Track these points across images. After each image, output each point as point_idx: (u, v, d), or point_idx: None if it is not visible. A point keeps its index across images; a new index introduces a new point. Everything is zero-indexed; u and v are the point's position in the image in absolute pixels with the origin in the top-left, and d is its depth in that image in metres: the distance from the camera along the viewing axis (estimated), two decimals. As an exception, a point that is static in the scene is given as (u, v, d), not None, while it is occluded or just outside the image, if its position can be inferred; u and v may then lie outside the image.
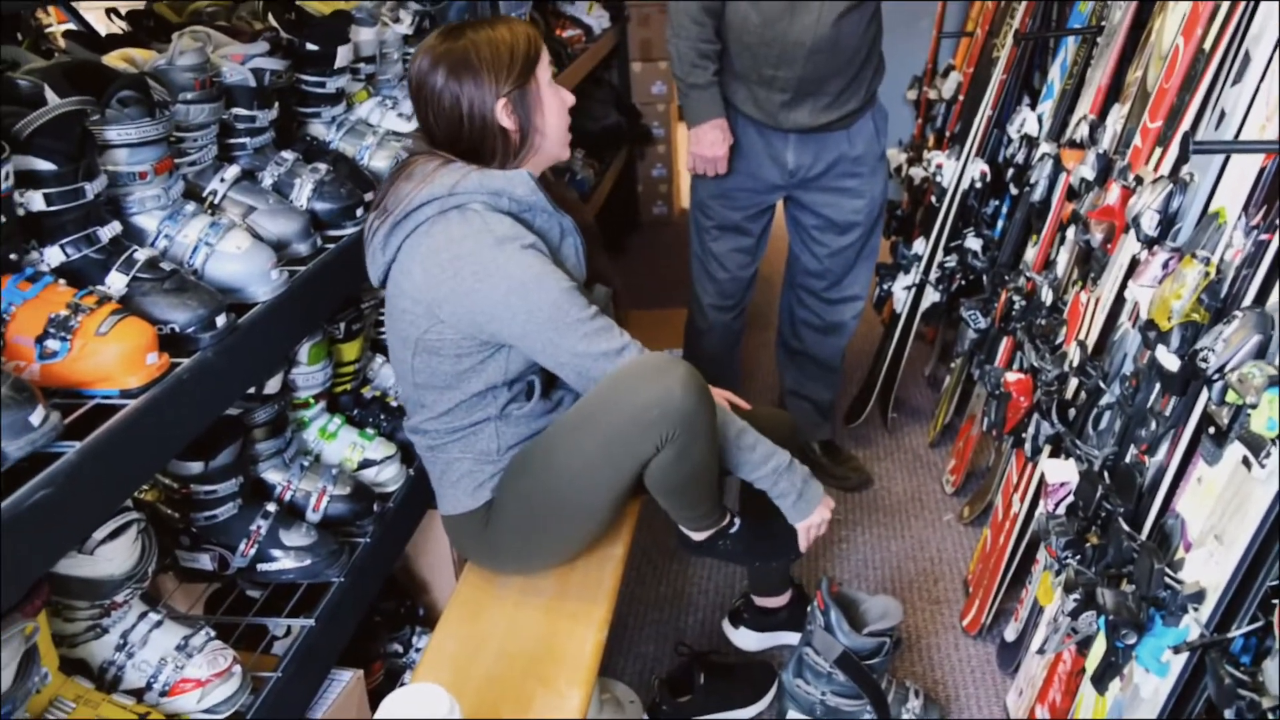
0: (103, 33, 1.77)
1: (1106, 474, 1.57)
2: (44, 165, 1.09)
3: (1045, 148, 2.24)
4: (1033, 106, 2.52)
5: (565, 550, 1.68)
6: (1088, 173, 1.90)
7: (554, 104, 1.57)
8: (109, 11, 1.83)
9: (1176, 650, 1.24)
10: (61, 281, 1.11)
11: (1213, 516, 1.25)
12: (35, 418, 0.94)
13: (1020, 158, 2.43)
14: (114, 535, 1.17)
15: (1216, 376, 1.25)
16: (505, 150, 1.53)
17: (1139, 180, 1.70)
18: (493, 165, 1.52)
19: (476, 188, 1.47)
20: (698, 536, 1.74)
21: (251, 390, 1.49)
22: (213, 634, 1.30)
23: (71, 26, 1.92)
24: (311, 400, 1.68)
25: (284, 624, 1.51)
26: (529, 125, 1.54)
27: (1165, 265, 1.49)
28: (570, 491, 1.56)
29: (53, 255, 1.13)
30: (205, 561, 1.48)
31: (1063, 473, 1.66)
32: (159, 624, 1.26)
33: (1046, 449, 1.85)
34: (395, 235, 1.48)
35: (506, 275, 1.42)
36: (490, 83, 1.48)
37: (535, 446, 1.59)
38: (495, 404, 1.56)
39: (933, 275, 2.80)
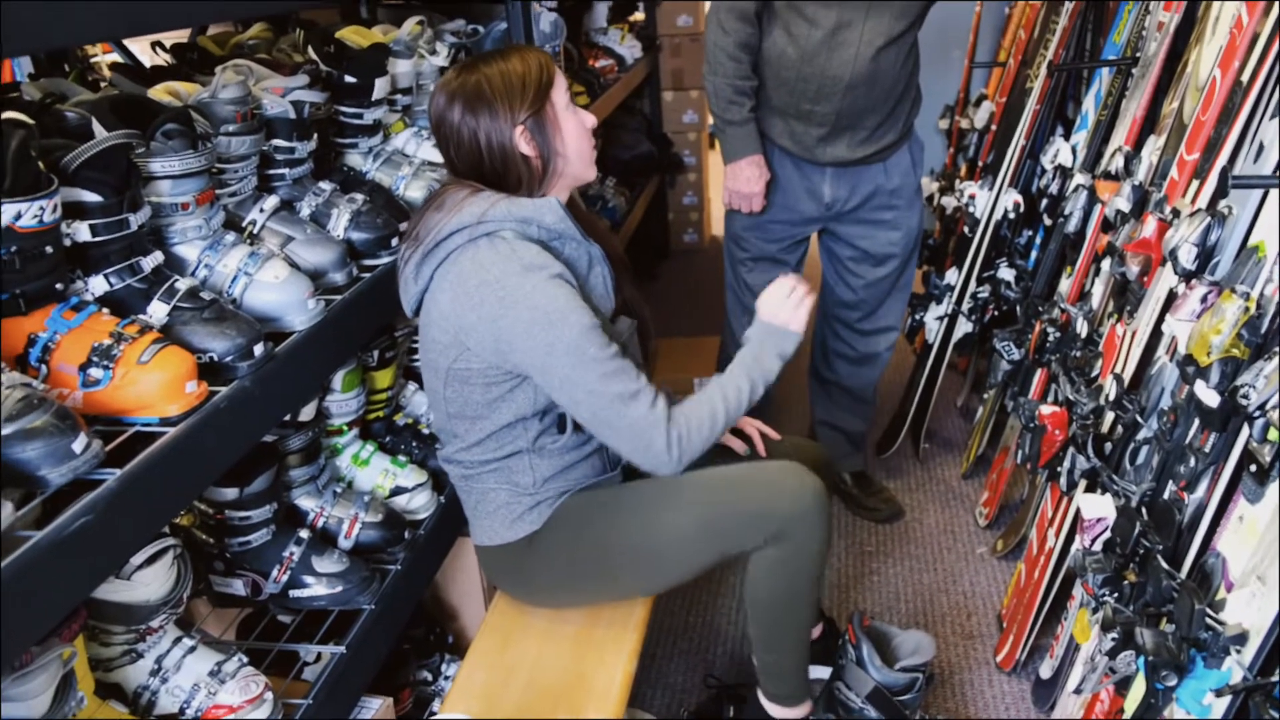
0: (147, 65, 1.81)
1: (1144, 510, 1.55)
2: (90, 197, 1.11)
3: (1079, 179, 2.23)
4: (1066, 137, 2.51)
5: (612, 598, 1.68)
6: (1123, 204, 1.89)
7: (573, 126, 1.57)
8: (154, 45, 1.87)
9: (1219, 693, 1.21)
10: (105, 310, 1.13)
11: (1255, 556, 1.23)
12: (78, 445, 0.96)
13: (1054, 188, 2.42)
14: (151, 561, 1.19)
15: (1258, 414, 1.23)
16: (530, 177, 1.54)
17: (1175, 213, 1.69)
18: (520, 193, 1.53)
19: (505, 215, 1.47)
20: (779, 713, 1.73)
21: (286, 417, 1.50)
22: (245, 660, 1.30)
23: (117, 58, 1.96)
24: (345, 427, 1.69)
25: (315, 650, 1.51)
26: (549, 150, 1.54)
27: (1204, 299, 1.48)
28: (653, 555, 1.58)
29: (97, 285, 1.16)
30: (238, 587, 1.49)
31: (1099, 508, 1.64)
32: (193, 649, 1.27)
33: (1082, 483, 1.82)
34: (427, 264, 1.50)
35: (531, 305, 1.42)
36: (505, 113, 1.49)
37: (620, 500, 1.60)
38: (526, 436, 1.56)
39: (965, 305, 2.78)
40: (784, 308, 1.63)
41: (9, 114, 1.11)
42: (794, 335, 1.63)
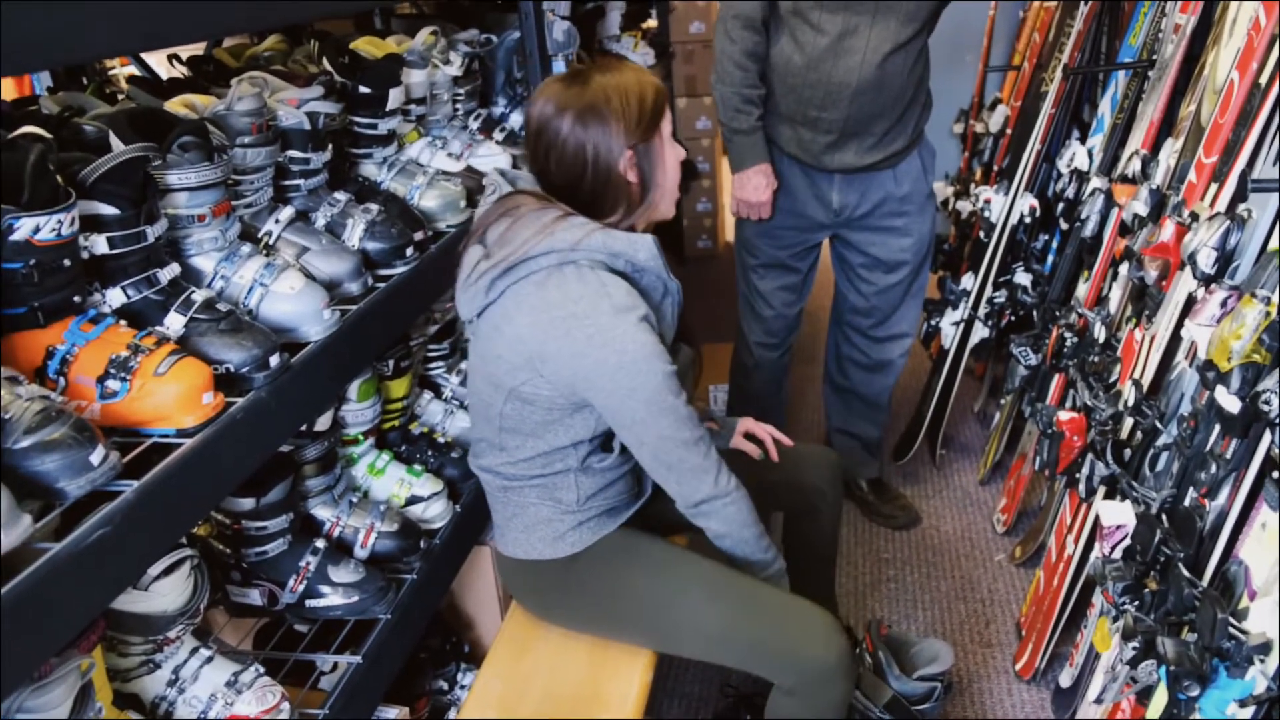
0: (164, 77, 1.82)
1: (1165, 517, 1.53)
2: (108, 210, 1.12)
3: (1096, 182, 2.22)
4: (1083, 140, 2.49)
5: (625, 642, 1.65)
6: (1140, 208, 1.87)
7: (672, 160, 1.52)
8: (170, 57, 1.88)
9: (1242, 704, 1.20)
10: (122, 322, 1.13)
11: (1278, 564, 1.22)
12: (95, 457, 0.96)
13: (1070, 192, 2.41)
14: (168, 571, 1.19)
15: (1279, 420, 1.22)
16: (627, 205, 1.48)
17: (1194, 216, 1.67)
18: (608, 219, 1.48)
19: (599, 247, 1.42)
20: None
21: (302, 427, 1.50)
22: (262, 670, 1.31)
23: (134, 71, 1.98)
24: (360, 437, 1.69)
25: (331, 660, 1.52)
26: (650, 181, 1.49)
27: (1223, 304, 1.46)
28: (673, 630, 1.57)
29: (114, 297, 1.16)
30: (255, 597, 1.49)
31: (1119, 515, 1.63)
32: (210, 660, 1.27)
33: (1101, 490, 1.81)
34: (504, 280, 1.44)
35: (619, 349, 1.39)
36: (618, 133, 1.44)
37: (664, 563, 1.57)
38: (576, 455, 1.53)
39: (981, 311, 2.77)
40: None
41: (27, 128, 1.12)
42: (767, 564, 1.60)
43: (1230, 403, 1.33)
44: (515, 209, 1.46)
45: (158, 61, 2.02)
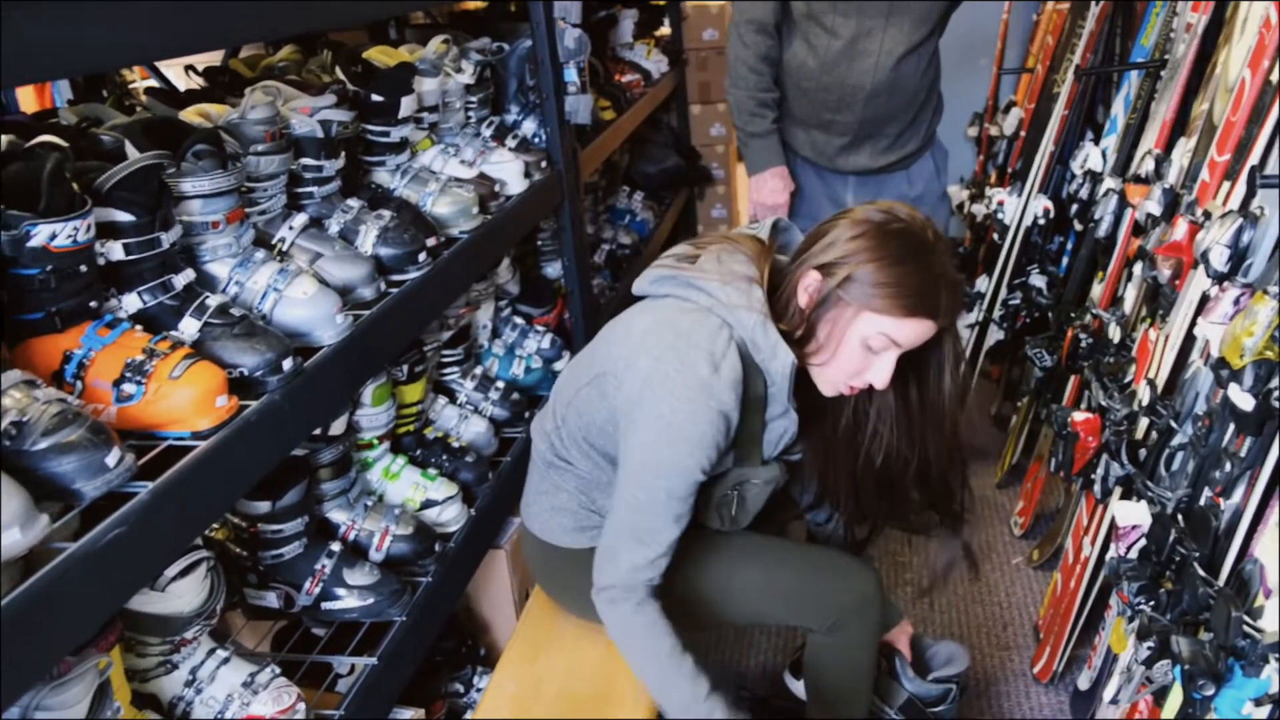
0: (181, 88, 1.84)
1: (1180, 517, 1.52)
2: (123, 217, 1.14)
3: (1110, 183, 2.21)
4: (1096, 141, 2.48)
5: None
6: (1154, 208, 1.87)
7: (853, 358, 1.39)
8: (187, 69, 1.91)
9: (1258, 703, 1.19)
10: (138, 327, 1.15)
11: (1293, 562, 1.21)
12: (111, 459, 0.98)
13: (1084, 193, 2.40)
14: (184, 573, 1.20)
15: (1293, 416, 1.21)
16: (791, 318, 1.42)
17: (1207, 215, 1.67)
18: (778, 320, 1.42)
19: (749, 326, 1.38)
20: None
21: (317, 431, 1.52)
22: (278, 671, 1.32)
23: (153, 83, 2.01)
24: (375, 441, 1.70)
25: (347, 662, 1.53)
26: (814, 329, 1.40)
27: (1236, 302, 1.46)
28: (710, 596, 1.57)
29: (130, 302, 1.18)
30: (271, 599, 1.50)
31: (1134, 515, 1.62)
32: (226, 661, 1.29)
33: (1117, 491, 1.80)
34: (667, 285, 1.45)
35: (672, 410, 1.34)
36: (840, 255, 1.38)
37: (692, 538, 1.53)
38: None
39: (997, 313, 2.76)
40: None
41: (43, 138, 1.14)
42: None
43: (1244, 400, 1.32)
44: (737, 243, 1.48)
45: (176, 75, 2.05)
